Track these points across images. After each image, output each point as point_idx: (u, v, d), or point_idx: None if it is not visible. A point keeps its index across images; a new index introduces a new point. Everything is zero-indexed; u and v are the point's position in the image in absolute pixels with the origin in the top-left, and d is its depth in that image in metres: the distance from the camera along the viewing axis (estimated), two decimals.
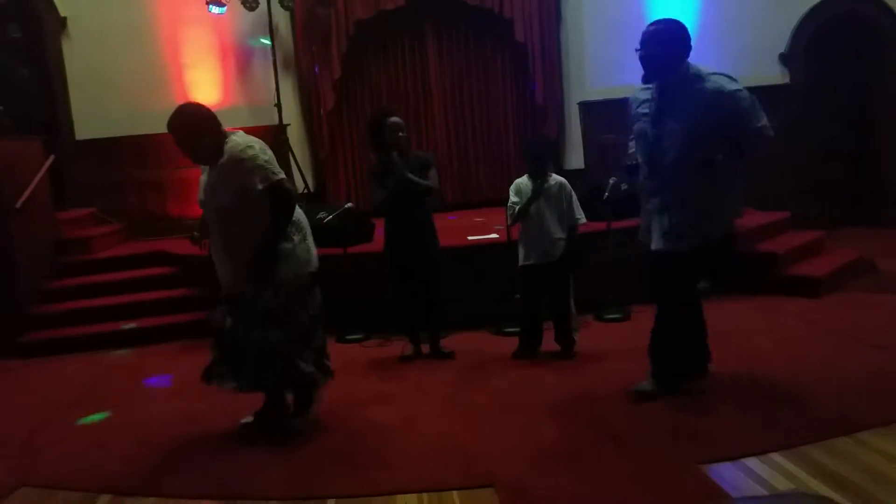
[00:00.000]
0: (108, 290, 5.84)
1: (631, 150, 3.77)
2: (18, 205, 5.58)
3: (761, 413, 3.35)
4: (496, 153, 8.00)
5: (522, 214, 4.29)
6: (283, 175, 3.25)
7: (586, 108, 7.70)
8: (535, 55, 7.71)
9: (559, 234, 4.28)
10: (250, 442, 3.46)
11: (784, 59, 7.69)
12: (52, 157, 6.28)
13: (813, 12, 7.59)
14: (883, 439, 3.00)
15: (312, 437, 3.49)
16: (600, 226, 5.25)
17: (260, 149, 3.24)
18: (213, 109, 3.35)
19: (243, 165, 3.18)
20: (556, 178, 4.37)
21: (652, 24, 3.53)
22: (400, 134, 4.28)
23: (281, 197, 3.24)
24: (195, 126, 3.25)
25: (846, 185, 7.73)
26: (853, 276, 5.72)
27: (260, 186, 3.18)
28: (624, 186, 5.47)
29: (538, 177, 4.28)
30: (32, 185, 5.81)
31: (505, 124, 8.00)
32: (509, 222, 4.45)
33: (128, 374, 4.79)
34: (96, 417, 3.96)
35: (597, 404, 3.64)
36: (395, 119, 4.32)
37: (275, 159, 3.31)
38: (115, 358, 5.19)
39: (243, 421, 3.61)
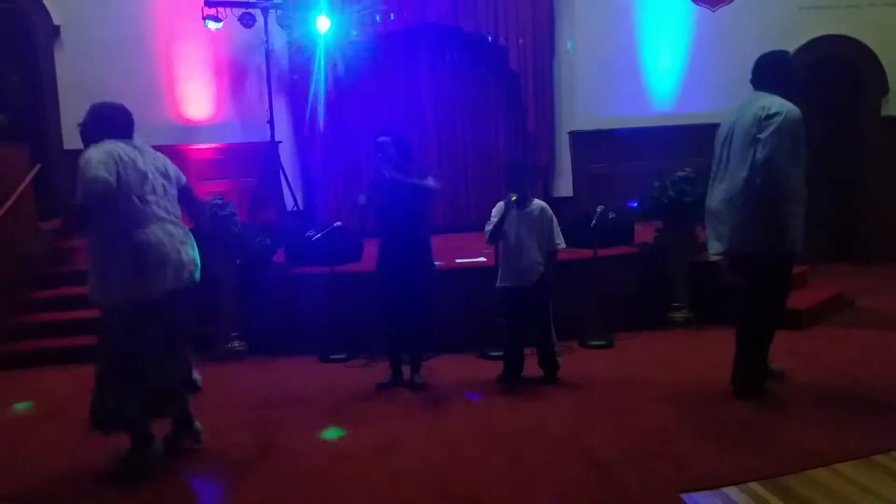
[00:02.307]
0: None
1: None
2: (1, 213, 5.51)
3: (742, 443, 3.37)
4: (487, 179, 8.04)
5: (496, 231, 4.31)
6: (92, 174, 3.07)
7: (576, 137, 7.79)
8: (527, 84, 7.81)
9: (537, 258, 4.30)
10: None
11: None
12: (37, 166, 6.23)
13: (799, 52, 7.74)
14: (859, 471, 3.03)
15: (293, 458, 3.45)
16: (587, 253, 5.29)
17: (103, 151, 3.15)
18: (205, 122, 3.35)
19: (80, 165, 3.16)
20: (537, 202, 4.41)
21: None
22: (378, 155, 4.30)
23: (87, 192, 3.09)
24: (88, 121, 3.36)
25: (830, 220, 7.85)
26: (834, 311, 5.77)
27: (80, 195, 3.12)
28: (611, 215, 5.54)
29: (513, 192, 4.27)
30: (16, 194, 5.74)
31: (496, 150, 8.06)
32: (486, 239, 4.45)
33: None
34: None
35: (579, 430, 3.64)
36: (381, 139, 4.35)
37: (118, 167, 3.15)
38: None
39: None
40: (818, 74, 7.62)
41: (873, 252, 7.66)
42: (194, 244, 3.50)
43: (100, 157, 3.14)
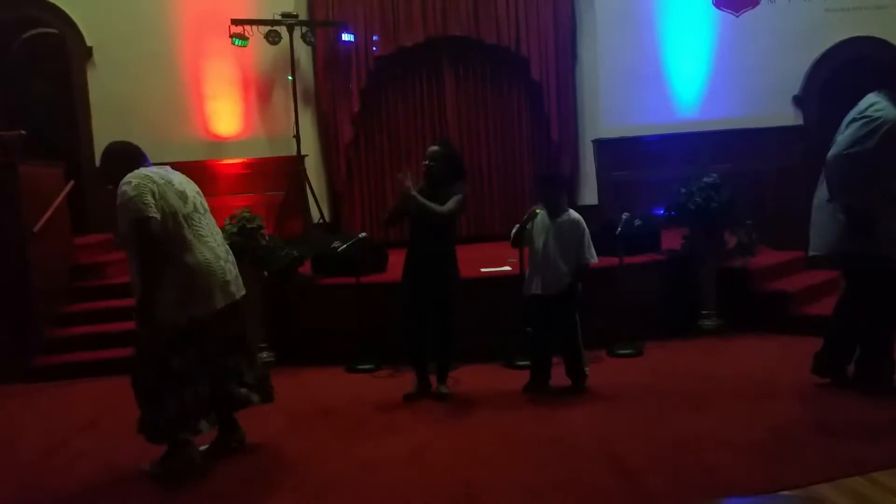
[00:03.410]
0: (122, 315, 5.85)
1: None
2: (37, 229, 5.67)
3: (775, 451, 3.31)
4: (511, 188, 8.06)
5: (517, 237, 4.36)
6: (150, 213, 3.15)
7: (600, 145, 7.77)
8: (550, 93, 7.83)
9: (563, 268, 4.28)
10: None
11: (798, 100, 7.73)
12: (71, 183, 6.39)
13: (826, 55, 7.66)
14: (892, 478, 2.97)
15: (320, 468, 3.46)
16: (613, 261, 5.26)
17: (135, 185, 3.19)
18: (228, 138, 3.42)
19: (118, 201, 3.22)
20: (572, 214, 4.39)
21: None
22: (426, 162, 4.34)
23: (139, 235, 3.17)
24: (111, 161, 3.43)
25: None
26: None
27: (124, 223, 3.20)
28: (637, 222, 5.51)
29: (545, 206, 4.34)
30: (51, 210, 5.90)
31: (520, 160, 8.08)
32: (511, 241, 4.48)
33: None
34: None
35: (608, 440, 3.61)
36: (431, 148, 4.42)
37: (155, 196, 3.20)
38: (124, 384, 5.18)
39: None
40: (846, 77, 7.51)
41: None
42: (234, 260, 3.59)
43: (136, 192, 3.18)
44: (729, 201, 5.56)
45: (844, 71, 7.57)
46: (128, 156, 3.43)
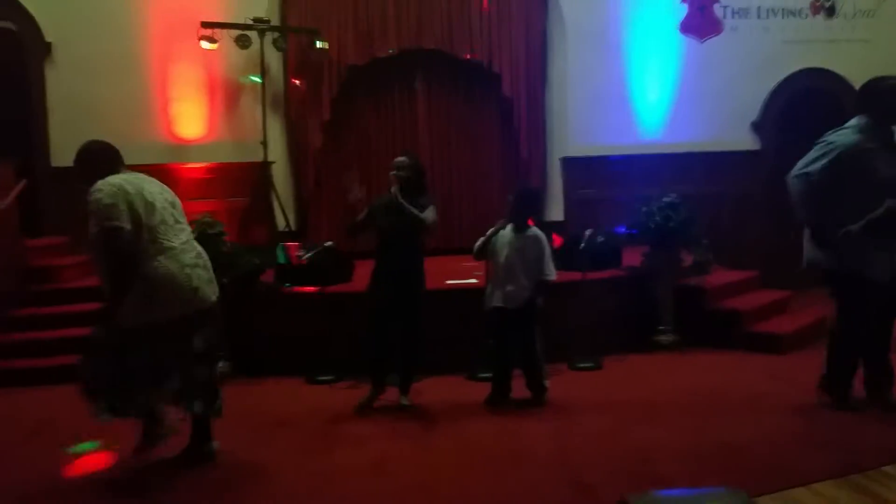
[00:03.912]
0: (77, 321, 5.67)
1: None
2: None
3: (723, 464, 3.42)
4: (480, 201, 8.10)
5: (481, 249, 4.44)
6: (122, 223, 3.17)
7: (567, 163, 7.90)
8: (520, 110, 7.93)
9: (524, 282, 4.35)
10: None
11: (756, 126, 7.99)
12: (23, 182, 6.14)
13: (783, 84, 7.95)
14: (837, 490, 3.12)
15: (278, 480, 3.44)
16: (575, 276, 5.35)
17: (111, 193, 3.19)
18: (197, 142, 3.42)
19: (91, 207, 3.21)
20: (534, 230, 4.48)
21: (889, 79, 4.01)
22: (396, 172, 4.36)
23: (109, 244, 3.19)
24: (88, 161, 3.42)
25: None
26: (816, 337, 5.82)
27: (93, 230, 3.20)
28: (600, 239, 5.62)
29: (512, 219, 4.42)
30: (1, 209, 5.69)
31: (489, 174, 8.14)
32: (473, 253, 4.54)
33: None
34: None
35: (565, 452, 3.67)
36: (398, 158, 4.45)
37: (127, 205, 3.21)
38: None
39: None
40: (801, 106, 7.80)
41: None
42: (208, 263, 3.56)
43: (108, 200, 3.17)
44: (687, 221, 5.72)
45: (799, 99, 7.87)
46: (105, 158, 3.42)
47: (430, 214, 4.32)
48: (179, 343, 3.39)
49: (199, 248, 3.58)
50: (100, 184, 3.24)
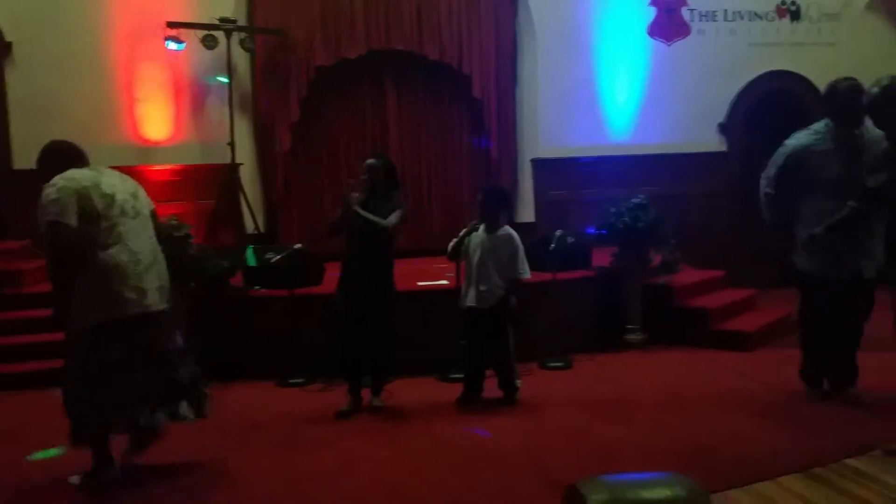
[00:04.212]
0: (39, 326, 5.53)
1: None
2: None
3: (692, 460, 3.45)
4: (450, 203, 8.11)
5: (455, 250, 4.47)
6: (65, 220, 3.11)
7: (538, 165, 7.94)
8: (490, 111, 7.94)
9: (497, 282, 4.36)
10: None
11: (723, 128, 8.12)
12: None
13: (749, 87, 8.10)
14: (802, 483, 3.18)
15: (249, 483, 3.40)
16: (546, 276, 5.38)
17: (59, 188, 3.15)
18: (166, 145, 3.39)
19: (40, 202, 3.18)
20: (506, 229, 4.49)
21: (842, 81, 4.03)
22: (366, 176, 4.35)
23: (51, 239, 3.14)
24: (45, 160, 3.41)
25: (779, 247, 8.09)
26: (782, 334, 5.94)
27: (41, 224, 3.17)
28: (570, 239, 5.66)
29: (482, 219, 4.43)
30: None
31: (460, 175, 8.15)
32: (447, 254, 4.57)
33: (54, 414, 4.58)
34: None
35: (536, 450, 3.68)
36: (368, 161, 4.43)
37: (81, 200, 3.17)
38: (42, 397, 4.94)
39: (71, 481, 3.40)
40: (767, 107, 7.95)
41: None
42: (164, 269, 3.52)
43: (56, 196, 3.14)
44: (655, 221, 5.79)
45: (765, 101, 8.02)
46: (63, 156, 3.37)
47: (392, 218, 4.30)
48: (141, 347, 3.34)
49: (158, 250, 3.52)
50: (55, 178, 3.21)
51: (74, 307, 3.21)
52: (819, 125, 4.06)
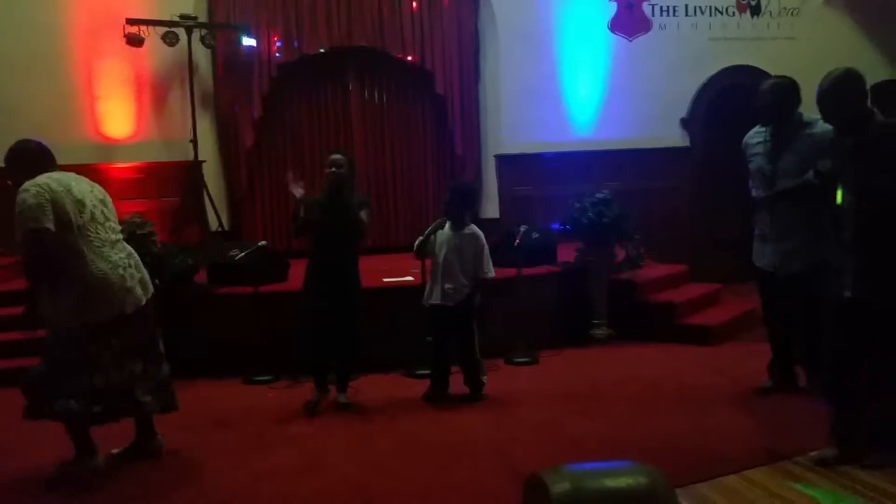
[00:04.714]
0: (5, 325, 5.43)
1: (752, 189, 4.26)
2: None
3: (658, 453, 3.48)
4: (415, 199, 8.12)
5: (421, 247, 4.47)
6: (46, 224, 3.11)
7: (502, 160, 7.98)
8: (454, 108, 7.94)
9: (462, 280, 4.38)
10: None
11: (685, 123, 8.23)
12: None
13: (710, 82, 8.21)
14: (766, 476, 3.22)
15: (213, 480, 3.39)
16: (511, 272, 5.41)
17: (34, 193, 3.14)
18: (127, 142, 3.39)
19: (17, 208, 3.17)
20: (472, 228, 4.50)
21: (768, 80, 4.32)
22: (333, 169, 4.31)
23: (32, 246, 3.14)
24: (15, 161, 3.41)
25: (741, 241, 8.23)
26: (747, 328, 6.04)
27: (19, 232, 3.16)
28: (535, 235, 5.70)
29: (448, 217, 4.45)
30: None
31: (424, 172, 8.15)
32: (414, 251, 4.57)
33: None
34: None
35: (503, 445, 3.71)
36: (334, 156, 4.38)
37: (55, 205, 3.16)
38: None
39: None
40: (728, 102, 8.08)
41: None
42: (139, 263, 3.55)
43: (33, 201, 3.13)
44: (619, 217, 5.85)
45: (726, 96, 8.13)
46: (33, 158, 3.37)
47: (364, 216, 4.31)
48: (128, 341, 3.39)
49: (129, 248, 3.56)
50: (27, 184, 3.20)
51: (57, 313, 3.23)
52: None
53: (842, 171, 3.32)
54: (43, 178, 3.23)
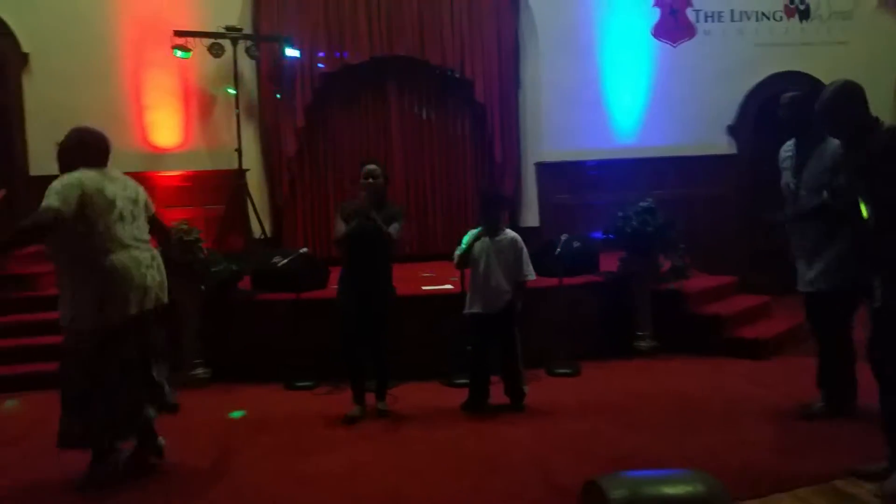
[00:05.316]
0: (51, 328, 5.60)
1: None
2: None
3: (704, 469, 3.37)
4: (454, 208, 8.11)
5: (462, 258, 4.40)
6: (54, 204, 3.16)
7: (542, 168, 7.92)
8: (494, 115, 7.94)
9: (504, 286, 4.34)
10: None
11: (732, 130, 8.06)
12: (3, 191, 6.17)
13: (758, 88, 8.02)
14: (820, 496, 3.10)
15: (253, 484, 3.41)
16: (552, 282, 5.34)
17: (65, 184, 3.22)
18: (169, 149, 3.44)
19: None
20: (509, 232, 4.47)
21: (789, 94, 4.12)
22: (370, 179, 4.33)
23: (36, 215, 3.20)
24: (64, 149, 3.46)
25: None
26: (798, 341, 5.80)
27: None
28: (576, 244, 5.62)
29: (484, 225, 4.40)
30: None
31: (464, 180, 8.14)
32: (455, 264, 4.52)
33: None
34: None
35: (542, 457, 3.65)
36: (369, 166, 4.40)
37: (83, 199, 3.23)
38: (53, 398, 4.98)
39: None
40: (776, 109, 7.87)
41: None
42: (161, 266, 3.59)
43: (60, 187, 3.22)
44: (664, 226, 5.72)
45: (775, 103, 7.91)
46: (82, 149, 3.43)
47: (395, 228, 4.30)
48: (140, 343, 3.43)
49: (154, 250, 3.60)
50: (65, 176, 3.29)
51: (77, 311, 3.27)
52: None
53: (857, 186, 3.18)
54: (79, 174, 3.31)
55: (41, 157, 6.92)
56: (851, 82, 3.21)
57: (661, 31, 7.94)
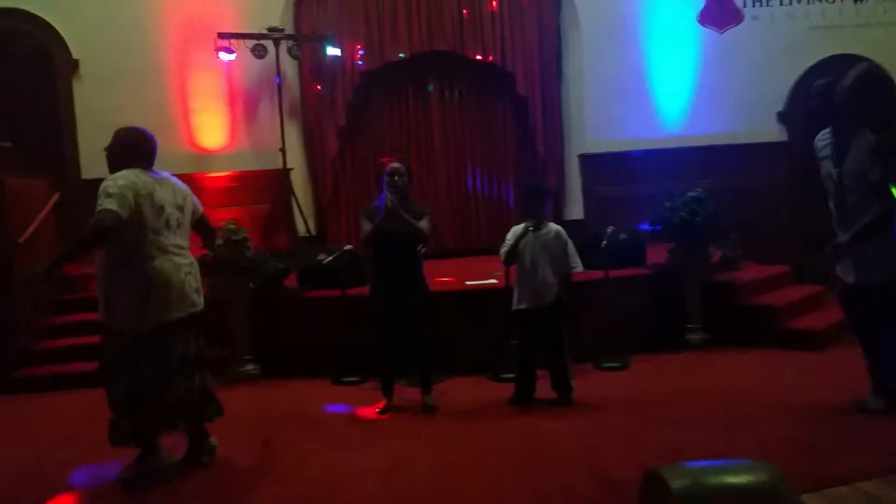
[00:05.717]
0: (95, 329, 5.73)
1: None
2: (22, 240, 5.61)
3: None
4: (497, 202, 8.08)
5: (510, 255, 4.35)
6: (112, 207, 3.17)
7: (586, 160, 7.81)
8: (535, 108, 7.87)
9: (551, 279, 4.30)
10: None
11: (782, 117, 7.81)
12: (56, 195, 6.36)
13: (810, 72, 7.75)
14: (878, 488, 3.00)
15: (302, 479, 3.44)
16: (598, 274, 5.27)
17: (120, 185, 3.24)
18: (215, 151, 3.47)
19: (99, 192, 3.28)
20: (552, 225, 4.42)
21: (821, 81, 3.98)
22: (395, 178, 4.29)
23: (94, 222, 3.21)
24: (113, 147, 3.52)
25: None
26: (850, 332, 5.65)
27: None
28: (623, 236, 5.53)
29: (530, 218, 4.35)
30: (36, 222, 5.87)
31: (506, 174, 8.10)
32: (502, 260, 4.48)
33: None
34: None
35: (593, 451, 3.60)
36: (395, 164, 4.37)
37: (138, 202, 3.26)
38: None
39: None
40: (831, 94, 7.62)
41: None
42: (198, 273, 3.62)
43: (116, 189, 3.24)
44: (713, 216, 5.59)
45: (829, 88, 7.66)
46: (130, 150, 3.46)
47: (425, 224, 4.29)
48: (182, 348, 3.45)
49: (192, 257, 3.62)
50: (117, 175, 3.33)
51: (121, 313, 3.32)
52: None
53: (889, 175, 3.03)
54: (131, 176, 3.33)
55: (92, 160, 7.13)
56: (870, 68, 3.05)
57: (707, 18, 7.75)
